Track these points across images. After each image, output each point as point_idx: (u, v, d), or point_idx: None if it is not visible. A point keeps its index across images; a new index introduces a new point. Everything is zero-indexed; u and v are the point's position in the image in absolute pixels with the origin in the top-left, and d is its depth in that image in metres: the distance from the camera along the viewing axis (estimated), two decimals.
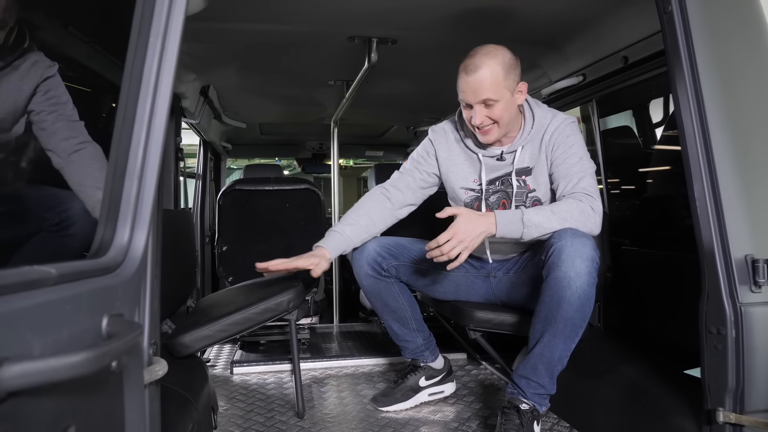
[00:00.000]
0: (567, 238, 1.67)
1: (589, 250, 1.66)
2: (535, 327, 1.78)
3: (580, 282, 1.64)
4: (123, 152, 0.91)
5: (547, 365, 1.76)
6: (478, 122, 1.84)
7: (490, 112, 1.83)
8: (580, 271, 1.64)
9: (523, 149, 1.94)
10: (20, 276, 0.60)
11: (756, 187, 1.39)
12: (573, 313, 1.67)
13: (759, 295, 1.34)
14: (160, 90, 0.95)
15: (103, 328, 0.77)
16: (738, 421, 1.33)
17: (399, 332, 2.24)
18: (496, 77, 1.79)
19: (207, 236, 4.08)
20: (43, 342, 0.61)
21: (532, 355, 1.79)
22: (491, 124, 1.86)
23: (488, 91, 1.79)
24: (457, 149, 2.06)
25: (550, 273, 1.70)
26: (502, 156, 1.98)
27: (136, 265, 0.91)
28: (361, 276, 2.14)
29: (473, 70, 1.80)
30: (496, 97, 1.80)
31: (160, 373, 1.01)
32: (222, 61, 2.79)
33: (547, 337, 1.73)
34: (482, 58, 1.80)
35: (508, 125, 1.91)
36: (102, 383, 0.75)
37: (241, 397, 2.41)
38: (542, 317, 1.74)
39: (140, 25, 0.93)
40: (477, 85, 1.79)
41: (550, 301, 1.70)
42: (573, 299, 1.65)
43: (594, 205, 1.77)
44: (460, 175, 2.05)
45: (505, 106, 1.83)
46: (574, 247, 1.65)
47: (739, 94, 1.45)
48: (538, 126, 1.93)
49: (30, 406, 0.56)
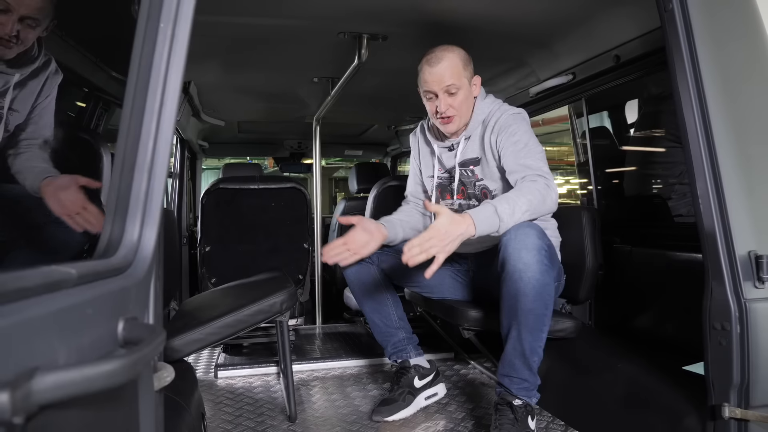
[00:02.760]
0: (511, 231, 1.71)
1: (533, 239, 1.69)
2: (503, 324, 1.81)
3: (530, 272, 1.67)
4: (132, 144, 0.86)
5: (522, 359, 1.78)
6: (443, 109, 1.98)
7: (453, 100, 1.98)
8: (528, 262, 1.68)
9: (468, 140, 2.08)
10: (43, 277, 0.54)
11: (759, 184, 1.41)
12: (532, 305, 1.70)
13: (763, 290, 1.36)
14: (170, 79, 0.89)
15: (119, 333, 0.72)
16: (744, 416, 1.34)
17: (380, 324, 2.23)
18: (456, 66, 1.97)
19: (185, 237, 3.98)
20: (68, 348, 0.55)
21: (506, 352, 1.81)
22: (454, 113, 2.00)
23: (451, 77, 1.95)
24: (423, 143, 2.27)
25: (502, 269, 1.74)
26: (452, 147, 2.13)
27: (147, 264, 0.85)
28: (350, 272, 2.13)
29: (436, 61, 1.97)
30: (458, 84, 1.97)
31: (168, 379, 0.95)
32: (205, 57, 2.71)
33: (514, 331, 1.76)
34: (443, 51, 1.98)
35: (466, 116, 2.05)
36: (121, 392, 0.70)
37: (229, 402, 2.34)
38: (506, 313, 1.77)
39: (149, 9, 0.88)
40: (441, 74, 1.95)
41: (508, 297, 1.74)
42: (528, 290, 1.69)
43: (548, 183, 1.80)
44: (425, 165, 2.26)
45: (465, 95, 2.00)
46: (518, 239, 1.69)
47: (740, 92, 1.46)
48: (480, 119, 2.05)
49: (59, 420, 0.51)
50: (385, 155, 5.52)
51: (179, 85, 0.90)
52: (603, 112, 2.81)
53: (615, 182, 2.73)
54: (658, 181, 2.46)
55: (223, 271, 2.99)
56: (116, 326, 0.71)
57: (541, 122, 9.17)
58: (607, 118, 2.79)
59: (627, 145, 2.67)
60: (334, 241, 1.95)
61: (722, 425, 1.38)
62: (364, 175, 4.45)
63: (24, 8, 1.56)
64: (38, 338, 0.50)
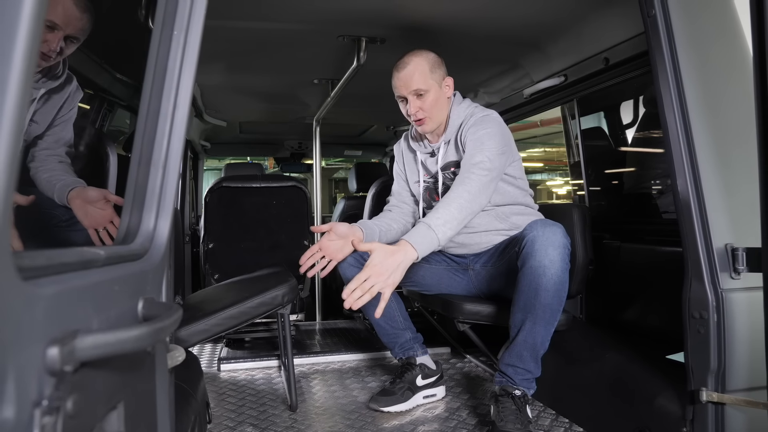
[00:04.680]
0: (538, 229, 1.80)
1: (560, 238, 1.79)
2: (516, 316, 1.87)
3: (554, 269, 1.77)
4: (148, 143, 0.93)
5: (531, 351, 1.86)
6: (413, 111, 2.06)
7: (422, 102, 2.05)
8: (553, 259, 1.76)
9: (448, 145, 2.14)
10: (78, 255, 0.62)
11: (735, 180, 1.48)
12: (550, 300, 1.79)
13: (738, 281, 1.43)
14: (183, 82, 0.97)
15: (140, 311, 0.80)
16: (720, 400, 1.42)
17: (386, 327, 2.26)
18: (423, 70, 2.03)
19: (187, 235, 4.05)
20: (100, 319, 0.63)
21: (516, 343, 1.88)
22: (424, 114, 2.06)
23: (417, 82, 2.02)
24: (407, 151, 2.34)
25: (525, 263, 1.81)
26: (434, 152, 2.21)
27: (162, 252, 0.93)
28: (344, 267, 2.12)
29: (402, 67, 2.05)
30: (425, 87, 2.03)
31: (180, 358, 1.04)
32: (208, 59, 2.78)
33: (528, 324, 1.83)
34: (410, 57, 2.06)
35: (440, 117, 2.11)
36: (141, 364, 0.78)
37: (232, 393, 2.42)
38: (521, 306, 1.84)
39: (164, 18, 0.96)
40: (407, 78, 2.03)
41: (527, 290, 1.80)
42: (549, 286, 1.77)
43: (483, 174, 1.87)
44: (411, 172, 2.32)
45: (435, 97, 2.06)
46: (546, 236, 1.78)
47: (719, 94, 1.54)
48: (457, 123, 2.11)
49: (95, 378, 0.59)
50: (384, 155, 5.59)
51: (191, 88, 0.98)
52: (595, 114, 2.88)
53: (606, 181, 2.81)
54: (648, 179, 2.53)
55: (225, 267, 3.07)
56: (137, 304, 0.79)
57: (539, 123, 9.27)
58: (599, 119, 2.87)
59: (618, 146, 2.74)
60: (309, 249, 1.99)
61: (701, 409, 1.46)
62: (363, 175, 4.52)
63: (71, 28, 1.64)
64: (78, 306, 0.58)
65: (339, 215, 4.13)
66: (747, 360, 1.42)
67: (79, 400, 0.54)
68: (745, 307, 1.42)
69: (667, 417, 1.56)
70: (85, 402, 0.56)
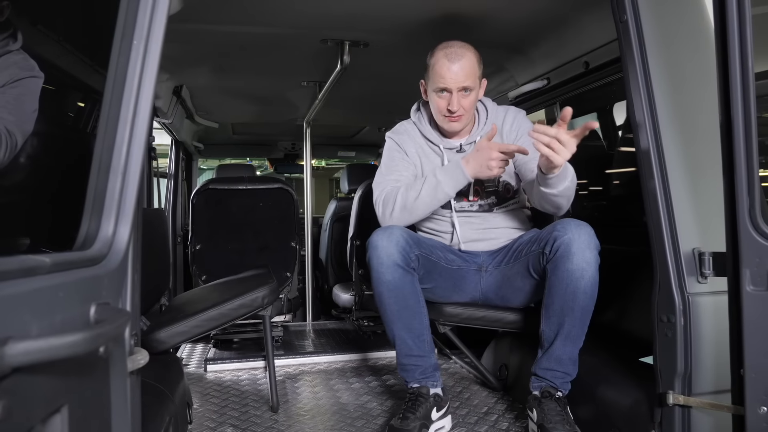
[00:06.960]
0: (572, 231, 1.76)
1: (594, 239, 1.76)
2: (551, 320, 1.81)
3: (591, 271, 1.74)
4: (108, 149, 0.95)
5: (570, 354, 1.82)
6: (456, 108, 1.94)
7: (465, 100, 1.95)
8: (590, 261, 1.74)
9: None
10: (19, 263, 0.64)
11: (703, 186, 1.49)
12: (588, 302, 1.76)
13: (705, 285, 1.44)
14: (143, 90, 0.99)
15: (91, 316, 0.81)
16: (686, 403, 1.43)
17: (412, 345, 1.92)
18: (474, 66, 1.94)
19: (179, 236, 4.08)
20: (40, 325, 0.65)
21: (554, 348, 1.82)
22: (463, 112, 1.97)
23: (469, 78, 1.92)
24: (422, 142, 2.14)
25: (560, 266, 1.76)
26: (461, 148, 2.09)
27: (120, 257, 0.95)
28: (387, 267, 1.82)
29: (457, 58, 1.91)
30: (473, 85, 1.95)
31: (142, 362, 1.05)
32: (195, 62, 2.81)
33: (566, 327, 1.79)
34: (462, 48, 1.93)
35: (471, 117, 2.05)
36: (91, 368, 0.80)
37: (216, 393, 2.44)
38: (557, 310, 1.79)
39: (124, 27, 0.97)
40: (461, 72, 1.91)
41: (564, 294, 1.76)
42: (587, 288, 1.74)
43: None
44: (429, 166, 2.10)
45: (476, 96, 2.00)
46: (582, 238, 1.74)
47: (687, 98, 1.55)
48: (492, 117, 2.08)
49: (30, 383, 0.61)
50: (378, 156, 5.61)
51: (151, 95, 1.00)
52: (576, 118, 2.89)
53: (588, 184, 2.82)
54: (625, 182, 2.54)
55: (212, 268, 3.09)
56: (89, 309, 0.81)
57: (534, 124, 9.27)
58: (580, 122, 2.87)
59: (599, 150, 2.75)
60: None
61: (668, 411, 1.47)
62: (355, 176, 4.53)
63: None
64: (12, 314, 0.59)
65: (331, 216, 4.15)
66: (713, 363, 1.43)
67: (9, 405, 0.55)
68: (711, 311, 1.43)
69: (636, 419, 1.57)
70: (18, 406, 0.57)
